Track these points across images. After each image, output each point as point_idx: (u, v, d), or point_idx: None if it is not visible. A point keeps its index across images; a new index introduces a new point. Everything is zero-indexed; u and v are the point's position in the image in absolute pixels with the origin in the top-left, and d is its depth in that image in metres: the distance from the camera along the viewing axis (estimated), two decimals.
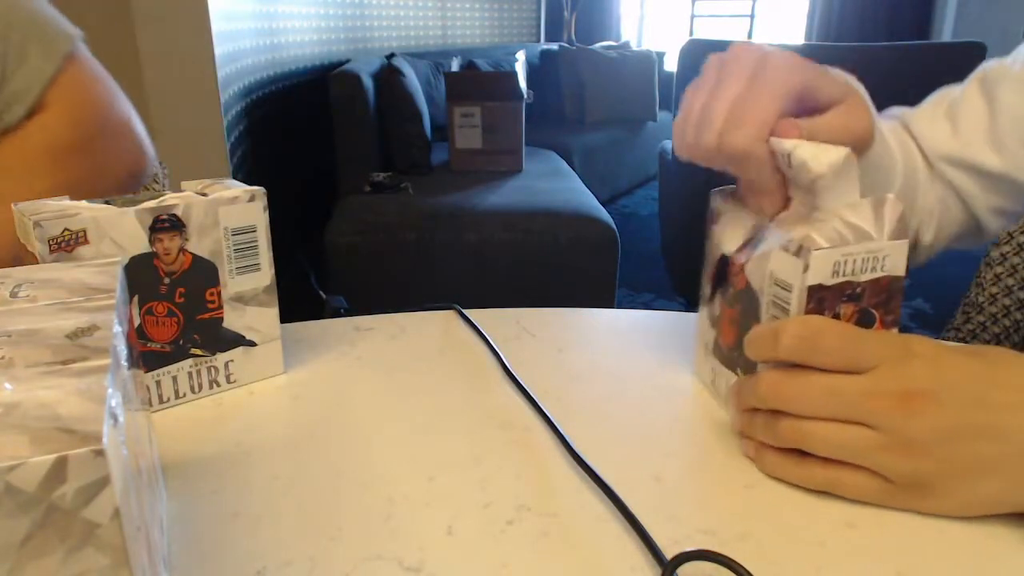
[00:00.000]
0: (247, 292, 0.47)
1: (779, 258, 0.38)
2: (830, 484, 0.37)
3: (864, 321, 0.37)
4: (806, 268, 0.36)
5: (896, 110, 0.61)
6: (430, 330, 0.58)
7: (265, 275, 0.48)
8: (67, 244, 0.39)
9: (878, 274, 0.37)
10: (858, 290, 0.37)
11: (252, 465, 0.40)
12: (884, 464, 0.35)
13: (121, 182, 0.65)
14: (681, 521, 0.36)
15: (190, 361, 0.46)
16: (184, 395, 0.47)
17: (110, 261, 0.35)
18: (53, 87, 0.59)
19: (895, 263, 0.37)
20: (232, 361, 0.48)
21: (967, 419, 0.34)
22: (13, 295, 0.30)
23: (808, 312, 0.37)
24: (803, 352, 0.36)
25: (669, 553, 0.32)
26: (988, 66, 0.57)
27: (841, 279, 0.36)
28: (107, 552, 0.21)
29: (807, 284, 0.36)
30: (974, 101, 0.57)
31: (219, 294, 0.46)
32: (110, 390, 0.23)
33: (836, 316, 0.37)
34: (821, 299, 0.37)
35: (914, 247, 0.60)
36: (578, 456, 0.40)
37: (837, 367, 0.36)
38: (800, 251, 0.36)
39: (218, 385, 0.48)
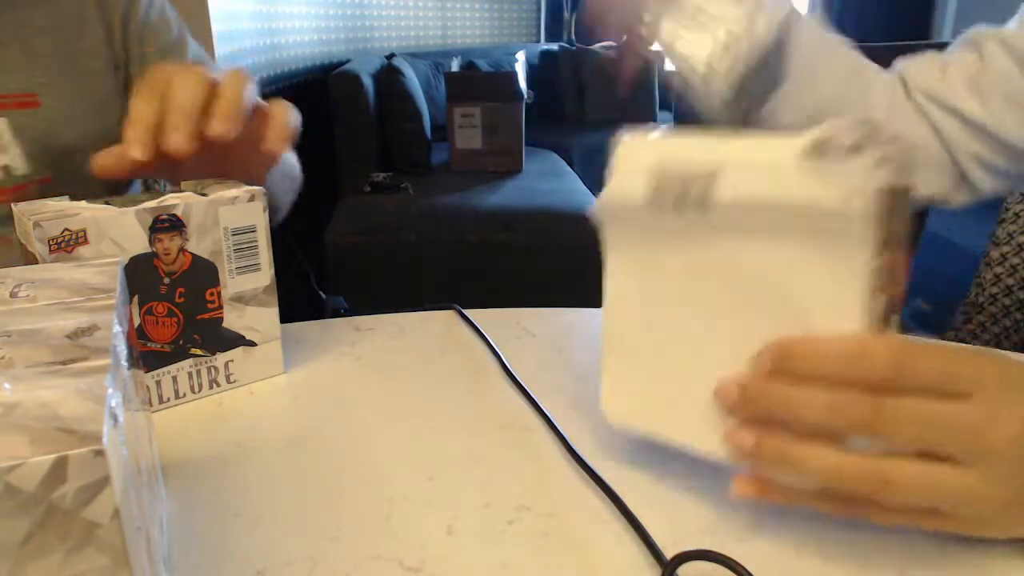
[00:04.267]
0: (247, 292, 0.47)
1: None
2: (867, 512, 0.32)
3: None
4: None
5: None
6: (430, 330, 0.58)
7: (265, 275, 0.48)
8: (67, 244, 0.39)
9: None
10: None
11: (252, 465, 0.40)
12: (968, 511, 0.30)
13: None
14: (681, 521, 0.36)
15: (190, 361, 0.46)
16: (184, 395, 0.47)
17: (110, 261, 0.35)
18: None
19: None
20: (232, 361, 0.48)
21: None
22: (13, 295, 0.30)
23: None
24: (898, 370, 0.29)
25: (669, 553, 0.32)
26: (979, 27, 0.59)
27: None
28: (107, 552, 0.21)
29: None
30: (964, 53, 0.59)
31: (219, 294, 0.46)
32: (110, 390, 0.23)
33: None
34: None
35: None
36: (578, 456, 0.40)
37: (930, 386, 0.29)
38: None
39: (218, 385, 0.48)
